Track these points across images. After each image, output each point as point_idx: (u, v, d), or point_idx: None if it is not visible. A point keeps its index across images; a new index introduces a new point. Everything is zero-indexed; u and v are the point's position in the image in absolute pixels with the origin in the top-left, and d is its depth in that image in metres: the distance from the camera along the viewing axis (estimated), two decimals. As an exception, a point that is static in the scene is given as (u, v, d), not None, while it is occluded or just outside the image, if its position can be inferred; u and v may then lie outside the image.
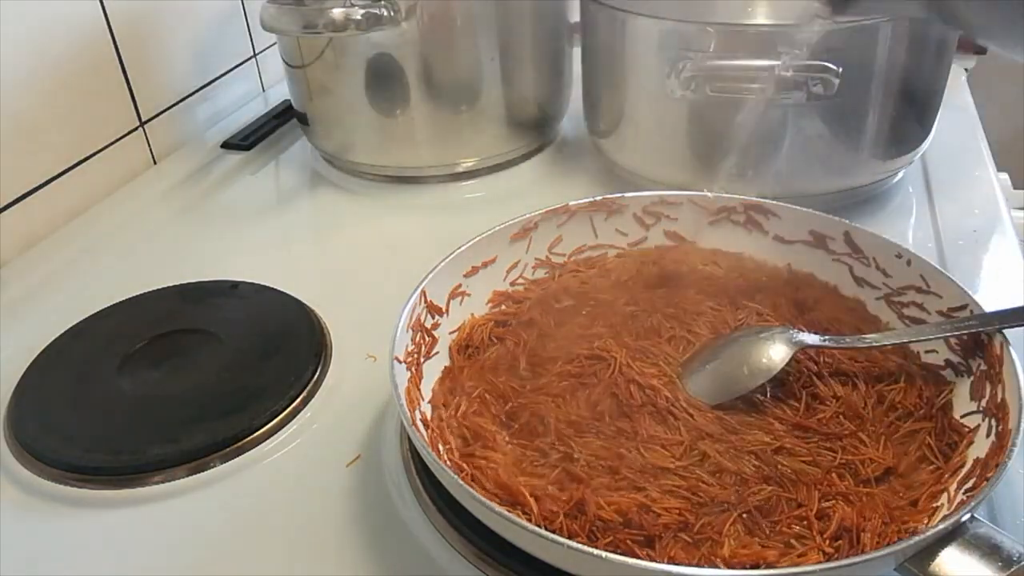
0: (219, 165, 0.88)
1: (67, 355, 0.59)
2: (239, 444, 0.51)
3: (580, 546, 0.35)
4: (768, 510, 0.42)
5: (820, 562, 0.38)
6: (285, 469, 0.51)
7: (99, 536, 0.47)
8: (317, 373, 0.56)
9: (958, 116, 0.87)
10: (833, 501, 0.42)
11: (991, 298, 0.60)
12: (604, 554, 0.35)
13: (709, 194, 0.60)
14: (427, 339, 0.51)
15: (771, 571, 0.38)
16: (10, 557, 0.46)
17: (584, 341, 0.53)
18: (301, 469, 0.50)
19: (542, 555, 0.38)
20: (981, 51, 0.95)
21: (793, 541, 0.40)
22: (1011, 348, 0.44)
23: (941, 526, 0.35)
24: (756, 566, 0.39)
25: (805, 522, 0.41)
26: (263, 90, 1.06)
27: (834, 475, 0.43)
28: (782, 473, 0.43)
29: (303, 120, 0.85)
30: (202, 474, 0.50)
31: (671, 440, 0.45)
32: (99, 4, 0.80)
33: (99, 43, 0.81)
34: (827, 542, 0.40)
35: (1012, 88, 1.50)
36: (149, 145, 0.88)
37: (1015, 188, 0.87)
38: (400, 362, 0.47)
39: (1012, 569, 0.34)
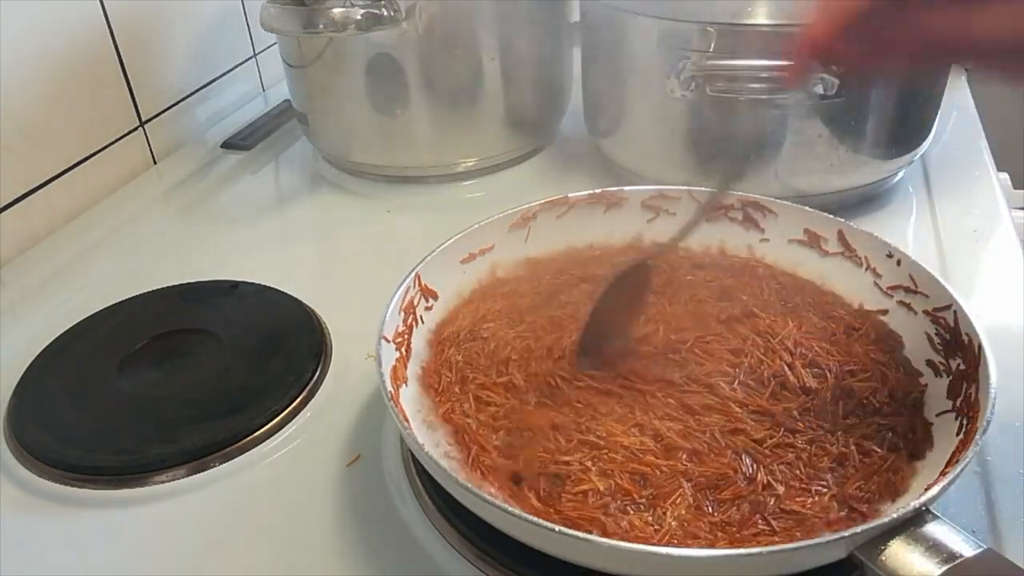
0: (219, 165, 0.88)
1: (67, 355, 0.59)
2: (239, 444, 0.51)
3: (571, 531, 0.36)
4: (716, 485, 0.43)
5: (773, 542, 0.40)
6: (285, 469, 0.51)
7: (99, 536, 0.47)
8: (317, 373, 0.56)
9: (958, 116, 0.87)
10: (781, 481, 0.43)
11: (991, 298, 0.61)
12: (603, 541, 0.36)
13: (707, 189, 0.60)
14: (420, 322, 0.52)
15: (725, 551, 0.38)
16: (10, 557, 0.46)
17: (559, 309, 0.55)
18: (301, 469, 0.50)
19: (535, 542, 0.38)
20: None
21: (735, 514, 0.41)
22: (988, 349, 0.44)
23: (892, 516, 0.36)
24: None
25: (752, 498, 0.42)
26: (263, 90, 1.06)
27: (787, 457, 0.44)
28: (733, 448, 0.44)
29: (303, 120, 0.85)
30: (202, 474, 0.50)
31: (623, 415, 0.47)
32: (99, 4, 0.80)
33: (99, 43, 0.81)
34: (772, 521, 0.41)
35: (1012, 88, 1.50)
36: (149, 145, 0.88)
37: (1015, 188, 0.87)
38: (388, 341, 0.47)
39: (949, 565, 0.34)
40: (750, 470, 0.43)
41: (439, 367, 0.51)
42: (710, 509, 0.42)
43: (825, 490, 0.42)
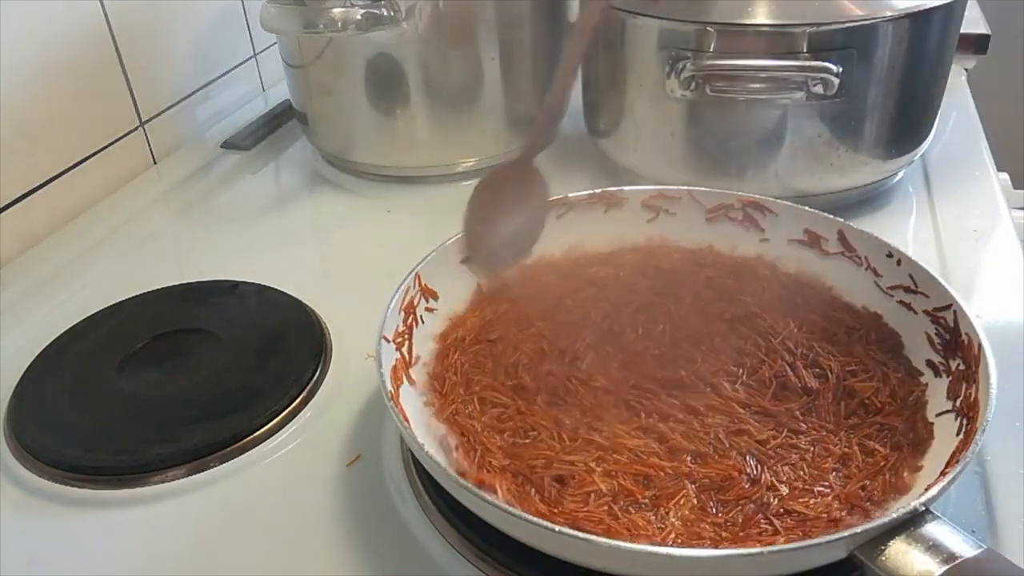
0: (219, 165, 0.88)
1: (67, 355, 0.59)
2: (239, 444, 0.51)
3: (571, 531, 0.36)
4: (720, 486, 0.43)
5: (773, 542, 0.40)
6: (285, 469, 0.51)
7: (99, 536, 0.47)
8: (317, 373, 0.56)
9: (958, 116, 0.87)
10: (785, 482, 0.43)
11: (991, 298, 0.61)
12: (603, 541, 0.36)
13: (707, 189, 0.60)
14: (420, 322, 0.52)
15: (725, 551, 0.38)
16: (10, 557, 0.46)
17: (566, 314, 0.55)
18: (301, 469, 0.50)
19: (535, 542, 0.38)
20: (981, 51, 0.95)
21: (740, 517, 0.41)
22: (988, 349, 0.44)
23: (892, 516, 0.36)
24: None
25: (756, 499, 0.42)
26: (263, 90, 1.06)
27: (791, 458, 0.44)
28: (737, 449, 0.44)
29: (303, 120, 0.85)
30: (202, 474, 0.50)
31: (628, 416, 0.47)
32: (99, 4, 0.80)
33: (99, 43, 0.81)
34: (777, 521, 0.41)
35: (1012, 88, 1.51)
36: (149, 145, 0.88)
37: (1015, 188, 0.87)
38: (388, 341, 0.47)
39: (949, 565, 0.34)
40: (754, 471, 0.43)
41: (444, 371, 0.51)
42: (714, 510, 0.42)
43: (828, 490, 0.42)
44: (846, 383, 0.49)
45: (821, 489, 0.42)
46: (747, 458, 0.44)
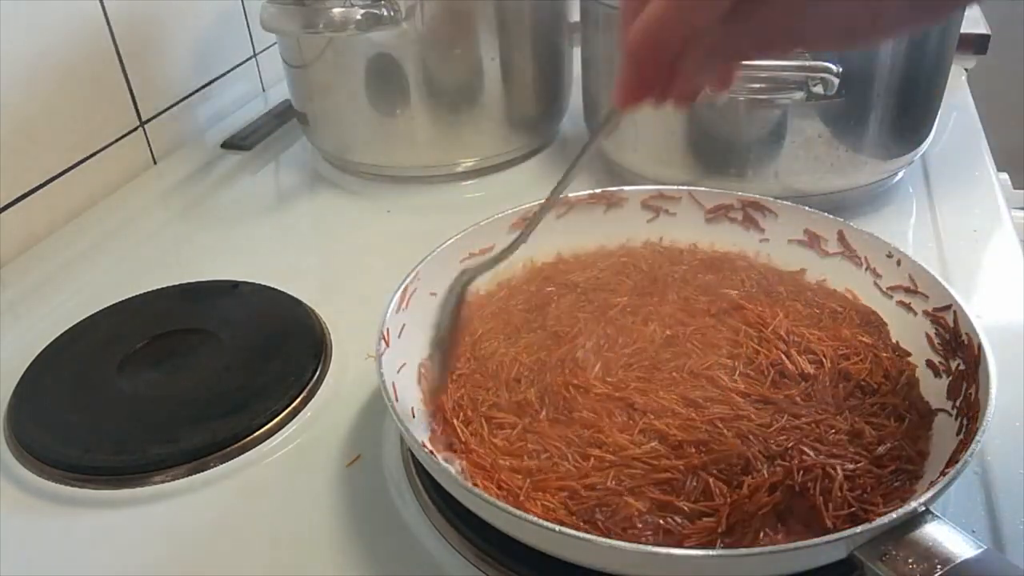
0: (219, 165, 0.88)
1: (67, 355, 0.59)
2: (239, 444, 0.51)
3: (570, 531, 0.36)
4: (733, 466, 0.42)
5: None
6: (285, 469, 0.51)
7: (99, 536, 0.47)
8: (317, 373, 0.56)
9: (958, 116, 0.87)
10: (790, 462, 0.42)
11: (991, 298, 0.61)
12: (603, 541, 0.36)
13: (707, 189, 0.61)
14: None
15: (725, 551, 0.38)
16: (10, 557, 0.46)
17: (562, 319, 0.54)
18: (301, 469, 0.50)
19: (535, 542, 0.38)
20: (981, 51, 0.95)
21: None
22: (988, 349, 0.44)
23: (893, 516, 0.36)
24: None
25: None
26: (263, 90, 1.06)
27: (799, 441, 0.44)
28: (740, 433, 0.44)
29: (303, 120, 0.85)
30: (202, 474, 0.50)
31: (625, 424, 0.46)
32: (99, 4, 0.80)
33: (99, 43, 0.81)
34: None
35: (1012, 88, 1.51)
36: (149, 145, 0.88)
37: (1015, 188, 0.87)
38: (388, 342, 0.48)
39: (950, 565, 0.34)
40: (771, 451, 0.43)
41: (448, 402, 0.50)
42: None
43: (858, 457, 0.42)
44: (840, 367, 0.49)
45: (852, 456, 0.42)
46: (750, 438, 0.44)
